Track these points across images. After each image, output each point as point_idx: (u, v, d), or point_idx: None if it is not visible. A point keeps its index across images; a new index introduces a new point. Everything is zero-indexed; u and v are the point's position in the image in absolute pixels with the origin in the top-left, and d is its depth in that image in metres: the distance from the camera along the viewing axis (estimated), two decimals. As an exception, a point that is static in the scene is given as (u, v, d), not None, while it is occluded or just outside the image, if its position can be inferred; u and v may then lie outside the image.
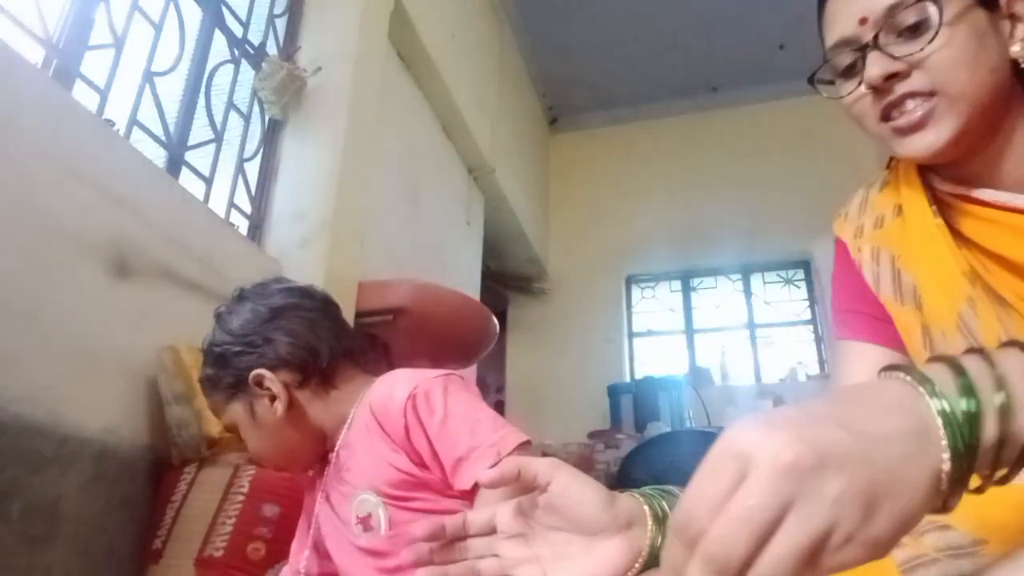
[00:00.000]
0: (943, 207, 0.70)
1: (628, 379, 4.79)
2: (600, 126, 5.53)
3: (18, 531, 1.21)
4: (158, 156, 1.85)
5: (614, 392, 4.34)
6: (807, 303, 4.90)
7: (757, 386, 4.61)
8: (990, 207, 0.66)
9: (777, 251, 4.90)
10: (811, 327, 4.84)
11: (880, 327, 0.73)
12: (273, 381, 0.91)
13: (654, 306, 5.25)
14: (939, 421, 0.33)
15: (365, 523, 0.86)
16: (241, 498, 1.39)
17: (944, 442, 0.33)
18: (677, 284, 5.23)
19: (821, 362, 4.67)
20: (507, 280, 4.90)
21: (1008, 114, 0.65)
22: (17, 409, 1.23)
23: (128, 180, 1.58)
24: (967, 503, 0.38)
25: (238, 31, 2.28)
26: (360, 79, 2.43)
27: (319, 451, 0.95)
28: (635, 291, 5.28)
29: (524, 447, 0.81)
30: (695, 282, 5.21)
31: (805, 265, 4.92)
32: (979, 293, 0.64)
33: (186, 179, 1.94)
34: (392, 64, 2.90)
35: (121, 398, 1.48)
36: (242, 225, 2.18)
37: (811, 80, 0.71)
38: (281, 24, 2.50)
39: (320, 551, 0.95)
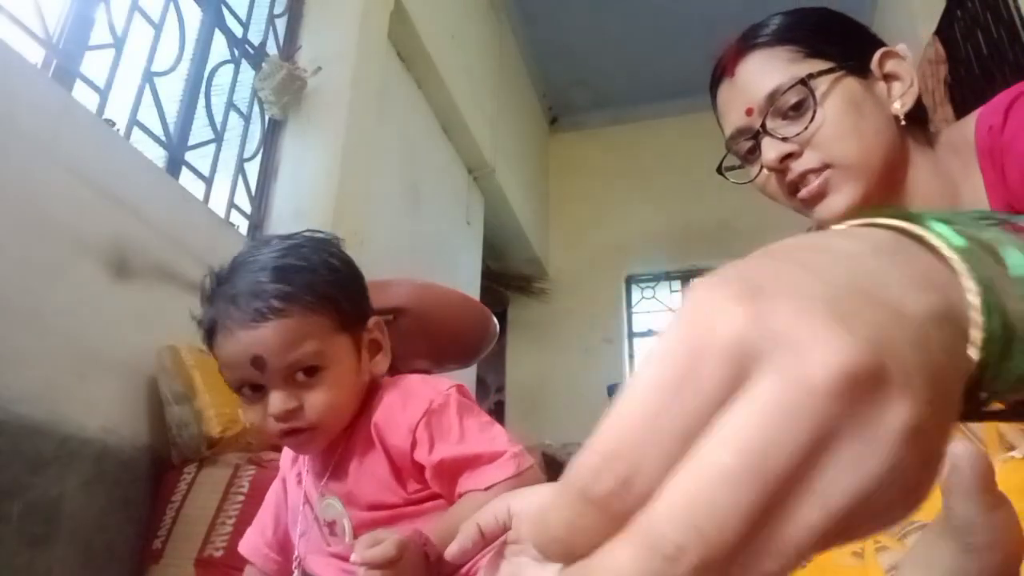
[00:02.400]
0: None
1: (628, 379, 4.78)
2: (600, 126, 5.52)
3: (18, 531, 1.21)
4: (158, 156, 1.85)
5: (614, 392, 4.29)
6: (807, 303, 4.90)
7: (757, 386, 4.61)
8: None
9: (777, 251, 4.89)
10: (811, 327, 4.84)
11: None
12: (383, 331, 0.78)
13: (654, 306, 5.24)
14: (977, 302, 0.21)
15: (331, 528, 0.83)
16: (241, 498, 1.39)
17: (979, 329, 0.21)
18: (677, 284, 5.23)
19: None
20: (507, 280, 4.89)
21: (904, 167, 0.69)
22: (17, 409, 1.23)
23: (128, 180, 1.58)
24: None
25: (238, 31, 2.28)
26: (360, 79, 2.43)
27: None
28: (635, 291, 5.28)
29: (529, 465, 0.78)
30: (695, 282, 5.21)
31: (805, 265, 4.92)
32: None
33: (186, 179, 1.94)
34: (392, 64, 2.90)
35: (121, 398, 1.48)
36: (242, 225, 2.18)
37: (719, 170, 0.78)
38: (281, 24, 2.50)
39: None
